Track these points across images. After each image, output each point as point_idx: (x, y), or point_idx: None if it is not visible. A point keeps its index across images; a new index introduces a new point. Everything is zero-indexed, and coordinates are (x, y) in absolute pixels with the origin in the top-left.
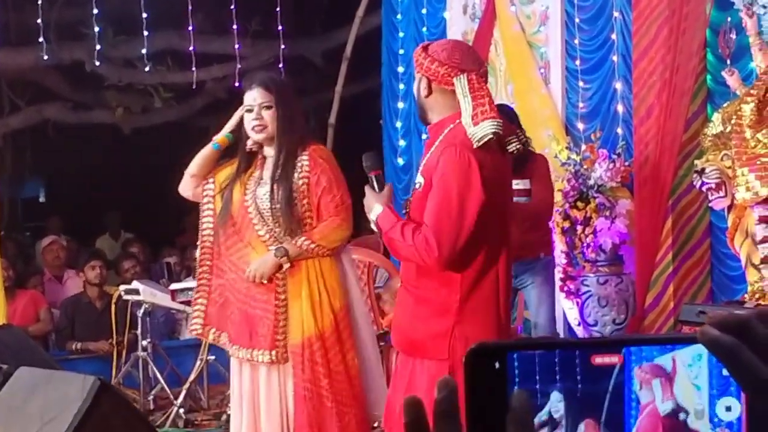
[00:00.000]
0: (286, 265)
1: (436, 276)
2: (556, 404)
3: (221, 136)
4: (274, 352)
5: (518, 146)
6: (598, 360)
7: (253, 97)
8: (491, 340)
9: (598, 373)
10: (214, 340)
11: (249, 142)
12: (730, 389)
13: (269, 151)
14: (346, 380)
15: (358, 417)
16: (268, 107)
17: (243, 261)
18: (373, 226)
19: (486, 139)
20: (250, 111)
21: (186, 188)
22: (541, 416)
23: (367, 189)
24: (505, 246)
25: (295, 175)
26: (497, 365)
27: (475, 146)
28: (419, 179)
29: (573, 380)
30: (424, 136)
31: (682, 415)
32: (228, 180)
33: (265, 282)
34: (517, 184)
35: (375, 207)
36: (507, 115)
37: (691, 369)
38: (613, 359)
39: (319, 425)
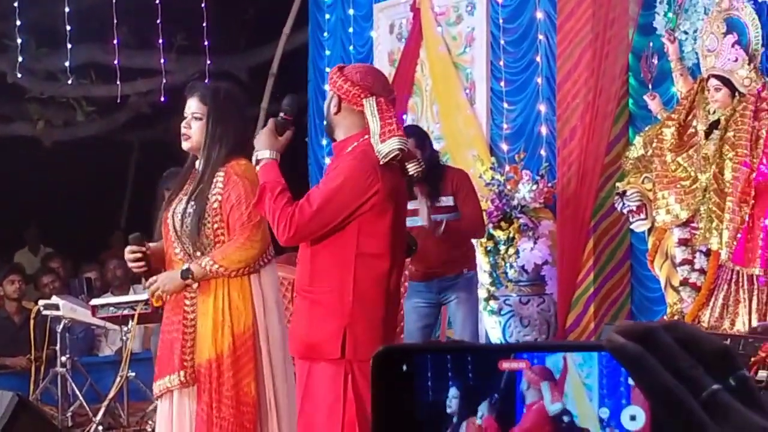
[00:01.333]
0: (194, 285)
1: (329, 280)
2: (451, 400)
3: None
4: (182, 373)
5: (418, 169)
6: (505, 365)
7: (188, 105)
8: (398, 344)
9: (506, 378)
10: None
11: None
12: (634, 398)
13: (198, 165)
14: (234, 407)
15: None
16: (198, 118)
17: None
18: (253, 160)
19: (393, 154)
20: (183, 119)
21: None
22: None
23: (268, 127)
24: (399, 259)
25: (210, 192)
26: (404, 368)
27: (381, 162)
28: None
29: (471, 379)
30: None
31: (567, 417)
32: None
33: (169, 298)
34: (441, 202)
35: (264, 151)
36: (416, 134)
37: (581, 369)
38: (521, 364)
39: None
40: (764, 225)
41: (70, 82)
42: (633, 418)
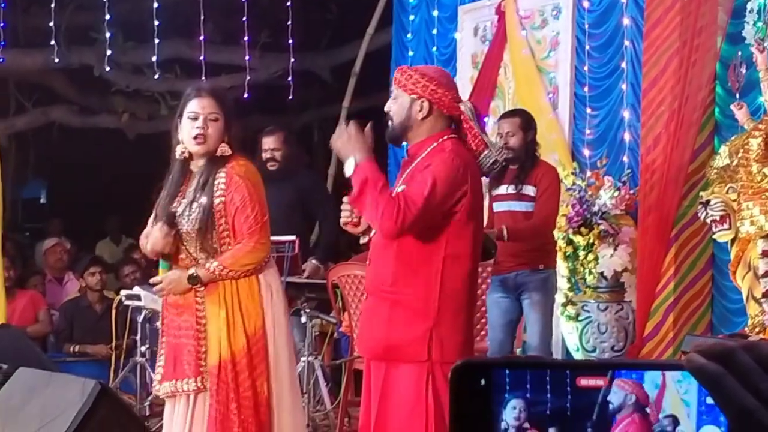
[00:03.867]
0: (201, 289)
1: (415, 281)
2: (522, 413)
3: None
4: (199, 379)
5: (505, 156)
6: (584, 382)
7: (202, 105)
8: (477, 357)
9: (583, 394)
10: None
11: (179, 151)
12: (716, 418)
13: (196, 166)
14: (252, 406)
15: None
16: (215, 119)
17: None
18: (348, 171)
19: (497, 166)
20: (194, 119)
21: None
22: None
23: (351, 128)
24: (477, 256)
25: (214, 194)
26: (483, 382)
27: (486, 169)
28: (402, 188)
29: (560, 400)
30: None
31: (670, 426)
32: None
33: (177, 296)
34: (525, 190)
35: (358, 155)
36: (524, 116)
37: (680, 385)
38: (599, 381)
39: None
40: None
41: (156, 76)
42: None
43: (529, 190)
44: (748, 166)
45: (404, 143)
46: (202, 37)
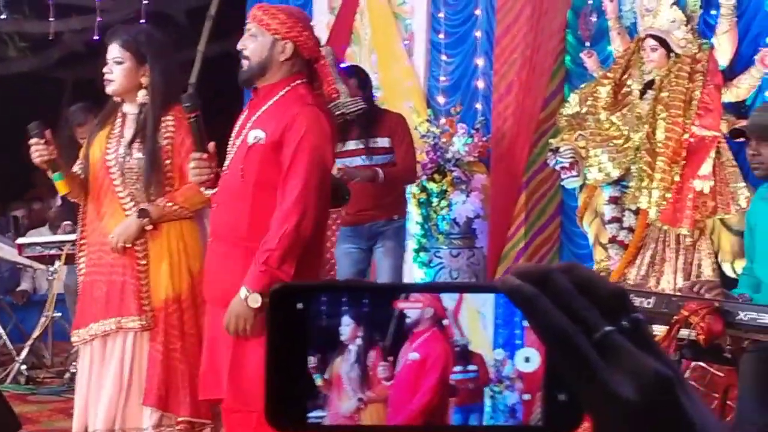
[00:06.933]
0: (149, 228)
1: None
2: (344, 328)
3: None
4: (143, 317)
5: (360, 107)
6: (401, 305)
7: (109, 50)
8: (295, 282)
9: (393, 313)
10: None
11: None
12: (529, 340)
13: (130, 108)
14: (197, 344)
15: None
16: (119, 62)
17: (103, 235)
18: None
19: (350, 117)
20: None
21: None
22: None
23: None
24: (327, 204)
25: (159, 135)
26: (300, 306)
27: (349, 117)
28: (258, 134)
29: (365, 315)
30: None
31: (461, 342)
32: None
33: (129, 246)
34: (376, 143)
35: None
36: (358, 74)
37: (476, 297)
38: (417, 305)
39: (168, 388)
40: (693, 186)
41: (3, 16)
42: (527, 359)
43: (383, 141)
44: (597, 114)
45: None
46: None
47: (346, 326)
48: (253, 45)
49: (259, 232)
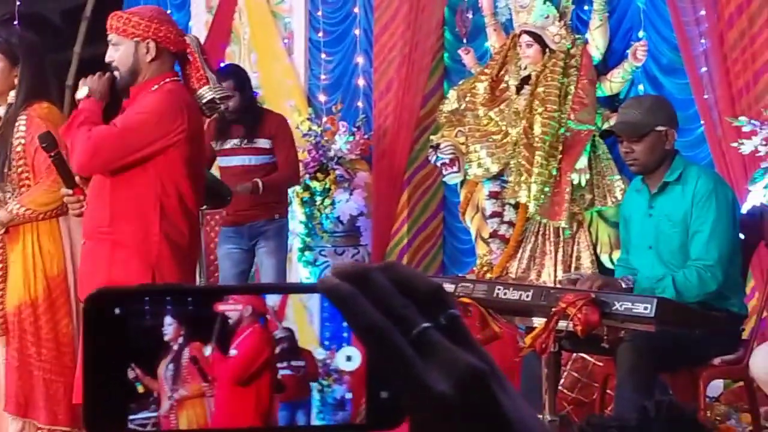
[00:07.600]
0: (1, 231)
1: (133, 219)
2: (167, 327)
3: None
4: None
5: (223, 94)
6: (221, 308)
7: None
8: (112, 286)
9: (216, 315)
10: None
11: None
12: (353, 339)
13: (2, 110)
14: (55, 348)
15: (67, 386)
16: None
17: None
18: (79, 94)
19: (217, 106)
20: None
21: None
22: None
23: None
24: (199, 200)
25: (13, 136)
26: (117, 311)
27: (204, 107)
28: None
29: (189, 315)
30: None
31: (288, 336)
32: None
33: None
34: (257, 143)
35: (86, 89)
36: (236, 75)
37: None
38: (238, 306)
39: (26, 395)
40: (570, 179)
41: None
42: (349, 358)
43: (263, 143)
44: (475, 110)
45: None
46: None
47: (169, 326)
48: (118, 54)
49: (120, 223)
